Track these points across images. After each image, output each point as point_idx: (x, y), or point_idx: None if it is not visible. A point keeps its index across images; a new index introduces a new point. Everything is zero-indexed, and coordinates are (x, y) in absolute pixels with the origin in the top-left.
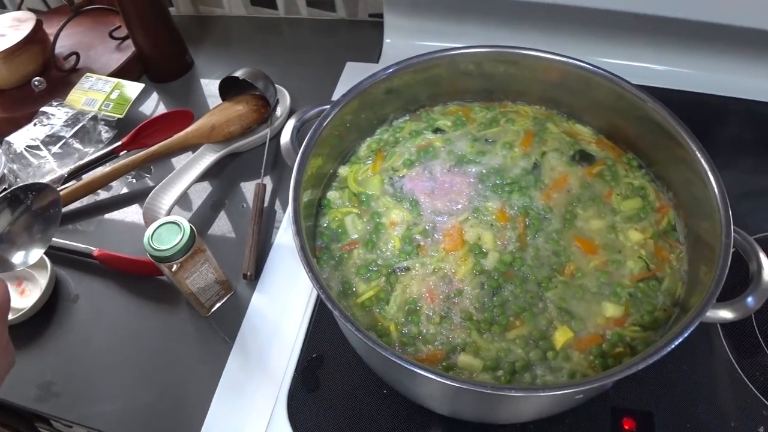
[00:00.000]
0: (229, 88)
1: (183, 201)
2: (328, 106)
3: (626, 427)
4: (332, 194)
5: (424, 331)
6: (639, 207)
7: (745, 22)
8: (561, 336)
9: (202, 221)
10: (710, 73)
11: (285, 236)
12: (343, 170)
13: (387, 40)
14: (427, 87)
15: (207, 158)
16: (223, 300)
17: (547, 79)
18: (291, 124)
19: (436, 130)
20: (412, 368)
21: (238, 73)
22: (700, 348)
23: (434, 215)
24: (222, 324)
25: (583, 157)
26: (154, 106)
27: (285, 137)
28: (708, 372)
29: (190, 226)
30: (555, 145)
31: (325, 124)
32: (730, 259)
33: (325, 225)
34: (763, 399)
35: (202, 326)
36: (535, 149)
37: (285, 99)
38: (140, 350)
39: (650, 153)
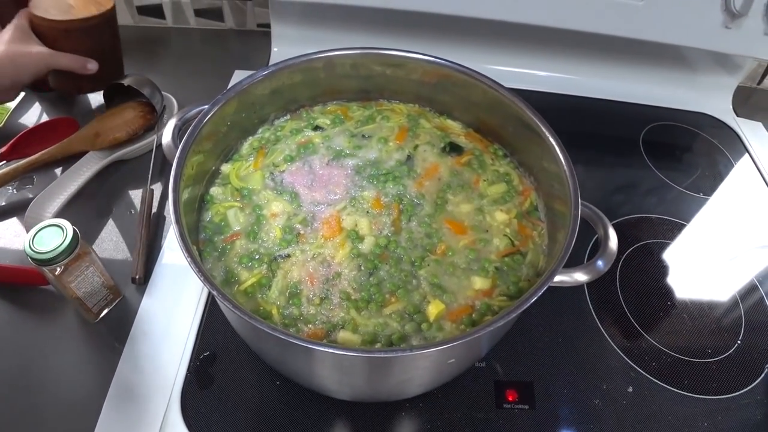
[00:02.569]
0: (115, 96)
1: (68, 210)
2: (208, 105)
3: (510, 399)
4: (215, 190)
5: (305, 312)
6: (504, 191)
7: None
8: (434, 309)
9: (89, 230)
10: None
11: (174, 240)
12: (226, 167)
13: (274, 49)
14: (306, 88)
15: (92, 165)
16: (112, 305)
17: (421, 80)
18: (172, 123)
19: (316, 128)
20: (278, 335)
21: (124, 80)
22: (573, 320)
23: (313, 206)
24: (111, 329)
25: (453, 149)
26: (37, 116)
27: (166, 137)
28: (581, 341)
29: (73, 228)
30: (427, 138)
31: (204, 121)
32: (577, 227)
33: (208, 219)
34: (629, 361)
35: (91, 333)
36: (408, 143)
37: (172, 106)
38: (25, 363)
39: (514, 143)
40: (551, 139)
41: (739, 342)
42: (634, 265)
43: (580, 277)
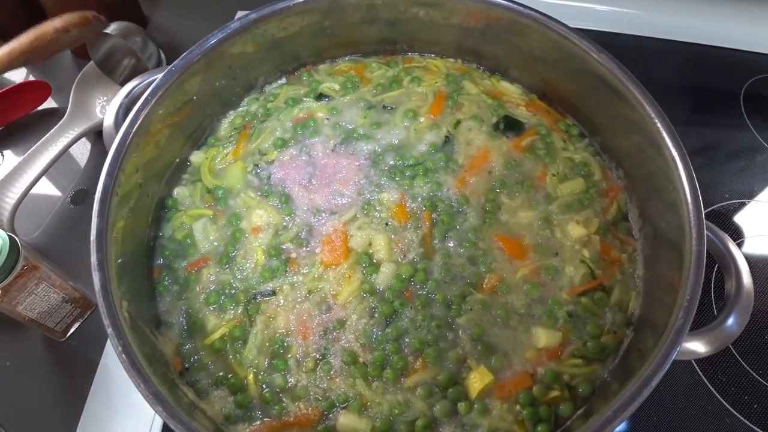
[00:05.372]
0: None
1: (36, 196)
2: (160, 76)
3: None
4: (180, 191)
5: (293, 381)
6: (581, 190)
7: None
8: (477, 380)
9: (60, 220)
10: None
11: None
12: (197, 156)
13: None
14: (308, 39)
15: (66, 136)
16: (83, 318)
17: (465, 24)
18: (117, 101)
19: (320, 97)
20: None
21: (110, 29)
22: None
23: (311, 214)
24: (83, 348)
25: (510, 125)
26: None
27: (108, 120)
28: (685, 404)
29: (11, 241)
30: (473, 110)
31: (154, 100)
32: (703, 270)
33: (168, 235)
34: (723, 401)
35: (59, 353)
36: (447, 117)
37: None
38: None
39: (594, 117)
40: (656, 119)
41: None
42: None
43: (698, 348)
